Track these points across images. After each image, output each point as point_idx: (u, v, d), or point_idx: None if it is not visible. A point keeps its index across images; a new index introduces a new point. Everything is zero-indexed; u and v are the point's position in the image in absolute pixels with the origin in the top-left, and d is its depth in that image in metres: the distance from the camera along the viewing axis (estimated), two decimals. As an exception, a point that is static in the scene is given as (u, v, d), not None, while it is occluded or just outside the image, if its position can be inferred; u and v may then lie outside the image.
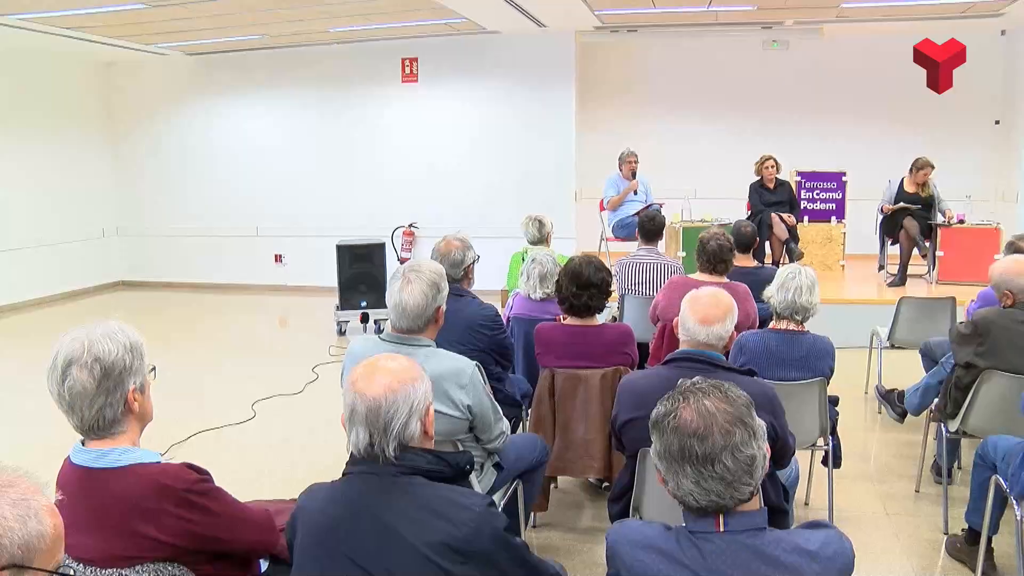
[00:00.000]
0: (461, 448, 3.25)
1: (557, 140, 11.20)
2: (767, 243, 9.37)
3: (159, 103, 12.50)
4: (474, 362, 3.32)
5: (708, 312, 3.05)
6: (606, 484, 4.52)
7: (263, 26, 10.10)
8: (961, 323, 4.42)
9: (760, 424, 1.87)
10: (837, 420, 4.42)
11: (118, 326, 2.22)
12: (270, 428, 6.22)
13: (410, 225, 11.58)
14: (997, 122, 11.59)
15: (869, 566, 4.10)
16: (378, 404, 2.02)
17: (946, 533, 4.41)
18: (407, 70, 11.54)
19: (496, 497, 3.53)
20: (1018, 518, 3.52)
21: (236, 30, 10.23)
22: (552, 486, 4.71)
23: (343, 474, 2.11)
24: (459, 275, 4.33)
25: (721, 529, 1.81)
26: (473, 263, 4.48)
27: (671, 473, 1.85)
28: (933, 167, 9.34)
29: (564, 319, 4.29)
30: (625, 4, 9.58)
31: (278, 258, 12.30)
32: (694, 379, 1.94)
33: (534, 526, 4.45)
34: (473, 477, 3.30)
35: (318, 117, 11.95)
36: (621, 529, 1.96)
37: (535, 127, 11.29)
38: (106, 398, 2.16)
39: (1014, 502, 3.55)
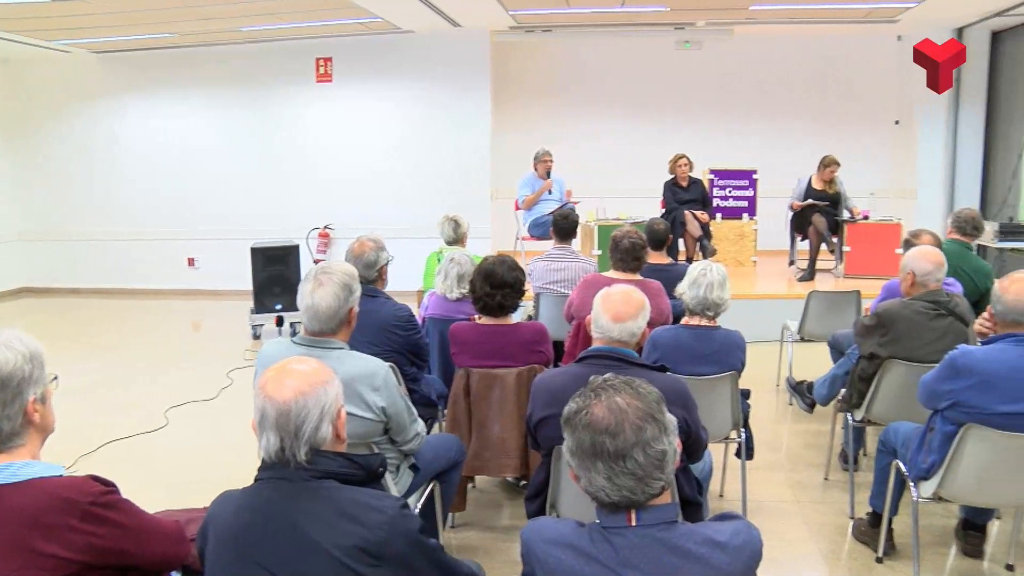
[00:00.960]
0: (376, 450, 3.24)
1: (473, 140, 11.22)
2: (681, 240, 9.54)
3: (64, 102, 12.07)
4: (388, 363, 3.31)
5: (620, 309, 3.08)
6: (524, 482, 4.54)
7: (171, 24, 9.87)
8: (865, 315, 4.57)
9: (671, 419, 1.91)
10: (749, 412, 4.52)
11: (16, 335, 2.15)
12: (183, 435, 6.09)
13: (325, 227, 11.46)
14: (897, 122, 12.04)
15: (780, 553, 4.22)
16: (288, 408, 2.01)
17: (852, 517, 4.57)
18: (321, 70, 11.42)
19: (413, 498, 3.53)
20: (915, 499, 3.67)
21: (143, 28, 9.98)
22: (470, 486, 4.73)
23: (255, 480, 2.08)
24: (372, 276, 4.32)
25: (633, 524, 1.84)
26: (387, 264, 4.46)
27: (583, 469, 1.87)
28: (839, 165, 9.64)
29: (478, 319, 4.31)
30: (539, 4, 9.64)
31: (191, 261, 12.04)
32: (605, 376, 1.96)
33: (452, 526, 4.46)
34: (389, 479, 3.30)
35: (231, 117, 11.73)
36: (535, 527, 1.98)
37: (451, 127, 11.28)
38: (3, 410, 2.09)
39: (911, 484, 3.70)
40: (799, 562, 4.19)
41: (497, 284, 4.16)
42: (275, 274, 9.06)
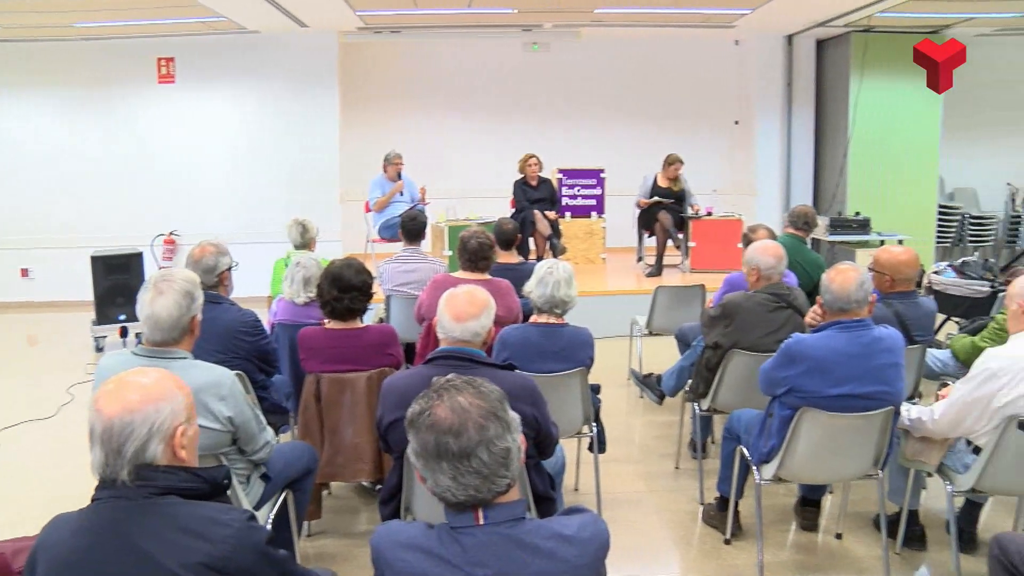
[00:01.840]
0: (224, 462, 3.15)
1: (321, 142, 11.02)
2: (531, 239, 9.65)
3: None
4: (234, 372, 3.23)
5: (463, 309, 3.10)
6: (379, 486, 4.49)
7: (-5, 15, 9.27)
8: (710, 307, 4.74)
9: (514, 417, 1.92)
10: (600, 407, 4.62)
11: None
12: (18, 457, 5.75)
13: (171, 233, 11.04)
14: (736, 123, 12.56)
15: (634, 541, 4.34)
16: (111, 425, 1.91)
17: (702, 503, 4.74)
18: (163, 70, 10.98)
19: (265, 509, 3.45)
20: (758, 481, 3.84)
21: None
22: (325, 493, 4.67)
23: (91, 500, 1.98)
24: (212, 281, 4.17)
25: (481, 522, 1.85)
26: (229, 269, 4.33)
27: (429, 471, 1.87)
28: (683, 163, 9.97)
29: (327, 323, 4.25)
30: (387, 5, 9.58)
31: (24, 272, 11.36)
32: (448, 376, 1.96)
33: (309, 535, 4.38)
34: (240, 490, 3.22)
35: (67, 119, 11.07)
36: (383, 532, 1.96)
37: (299, 129, 11.05)
38: None
39: (754, 468, 3.86)
40: (653, 549, 4.33)
41: (344, 288, 4.12)
42: (118, 283, 8.67)
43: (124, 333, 8.72)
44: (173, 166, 11.06)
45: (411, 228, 6.15)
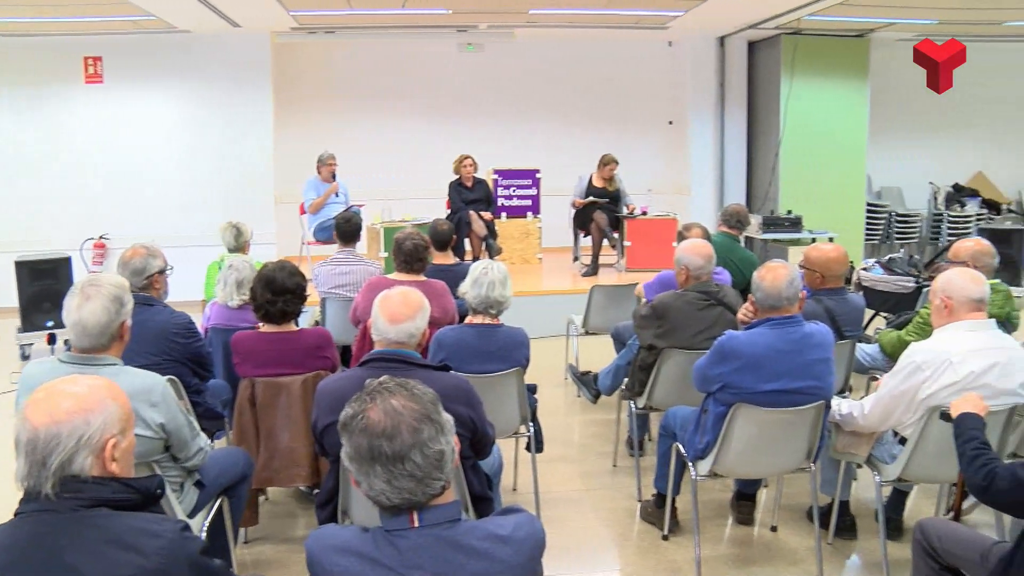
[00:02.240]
0: (158, 469, 3.09)
1: (255, 143, 10.86)
2: (467, 240, 9.63)
3: None
4: (166, 377, 3.17)
5: (397, 311, 3.09)
6: (316, 490, 4.45)
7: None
8: (642, 307, 4.78)
9: (447, 419, 1.92)
10: (537, 407, 4.63)
11: None
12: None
13: (101, 236, 10.78)
14: (671, 123, 12.70)
15: (573, 540, 4.36)
16: (36, 435, 1.85)
17: (639, 500, 4.78)
18: (90, 69, 10.71)
19: (200, 516, 3.39)
20: (694, 477, 3.89)
21: None
22: (262, 498, 4.60)
23: (15, 515, 1.90)
24: (141, 284, 4.07)
25: (416, 524, 1.84)
26: (160, 272, 4.23)
27: (363, 474, 1.85)
28: (618, 163, 10.04)
29: (261, 327, 4.20)
30: (320, 5, 9.50)
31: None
32: (381, 379, 1.95)
33: (246, 542, 4.31)
34: (173, 499, 3.16)
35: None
36: (318, 536, 1.95)
37: (233, 130, 10.87)
38: None
39: (690, 464, 3.91)
40: (591, 547, 4.35)
41: (278, 290, 4.07)
42: (44, 289, 8.44)
43: (52, 340, 8.50)
44: (103, 168, 10.79)
45: (346, 230, 6.11)
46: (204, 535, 3.31)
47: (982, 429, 2.90)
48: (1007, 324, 4.79)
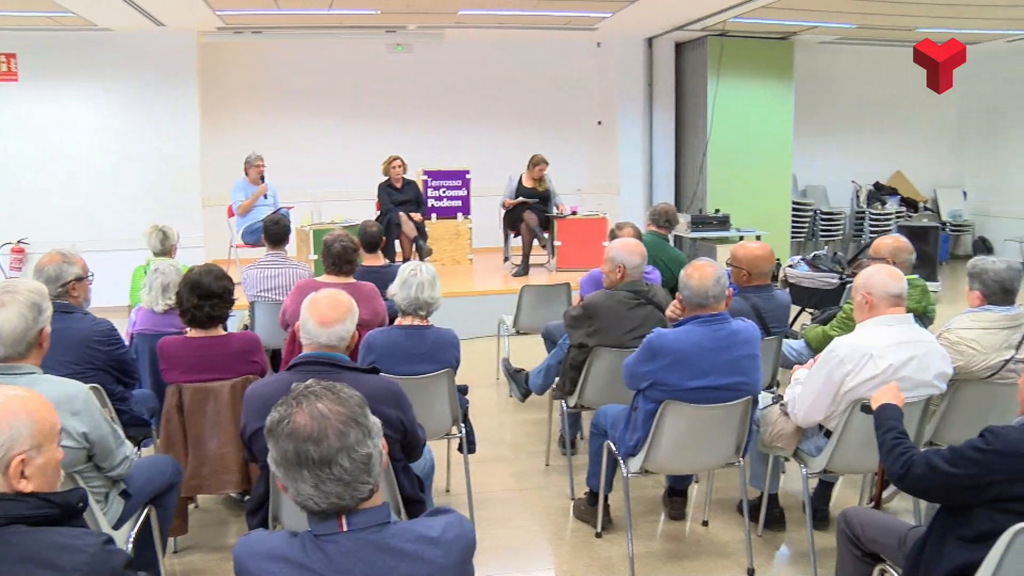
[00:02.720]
0: (80, 480, 3.01)
1: (181, 145, 10.60)
2: (397, 241, 9.58)
3: None
4: (87, 385, 3.09)
5: (326, 313, 3.05)
6: (248, 497, 4.40)
7: None
8: (572, 307, 4.81)
9: (375, 422, 1.90)
10: (468, 407, 4.63)
11: None
12: None
13: (19, 241, 10.47)
14: (599, 123, 12.80)
15: (507, 539, 4.37)
16: None
17: (572, 498, 4.80)
18: (4, 67, 10.38)
19: (126, 527, 3.31)
20: (625, 475, 3.92)
21: None
22: (191, 506, 4.51)
23: None
24: (57, 291, 3.95)
25: (344, 529, 1.82)
26: (80, 279, 4.12)
27: (290, 479, 1.83)
28: (547, 164, 10.09)
29: (188, 332, 4.12)
30: (247, 5, 9.34)
31: None
32: (307, 383, 1.93)
33: (175, 551, 4.23)
34: (97, 510, 3.08)
35: None
36: (245, 543, 1.91)
37: (158, 132, 10.58)
38: None
39: (621, 462, 3.95)
40: (526, 546, 4.36)
41: (204, 294, 4.00)
42: (-42, 296, 8.17)
43: (-32, 349, 8.21)
44: (21, 170, 10.41)
45: (274, 232, 6.03)
46: (130, 547, 3.24)
47: (900, 419, 2.99)
48: (924, 318, 4.93)
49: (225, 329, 4.26)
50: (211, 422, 3.97)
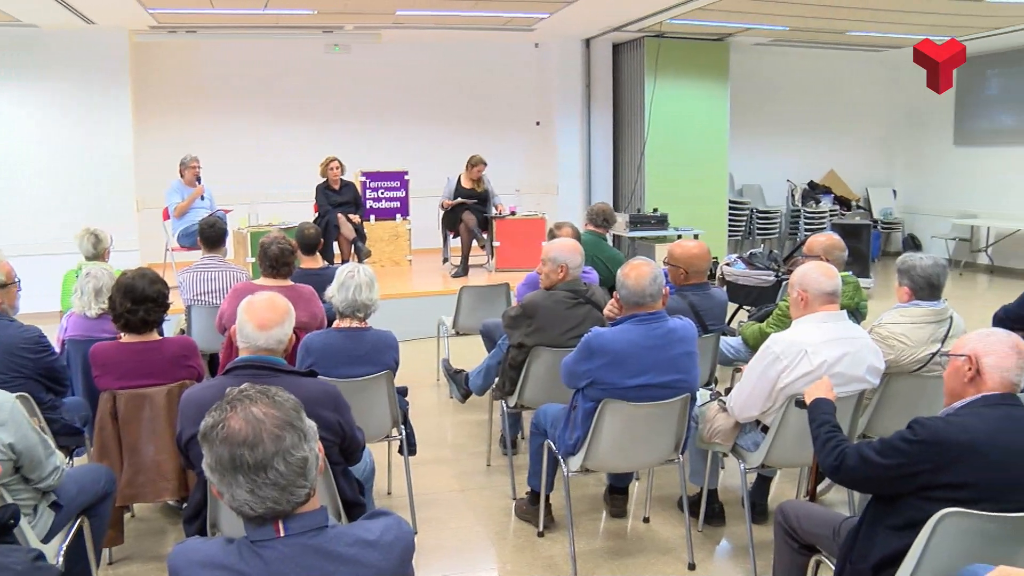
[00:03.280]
0: (7, 494, 2.92)
1: (113, 146, 10.31)
2: (335, 243, 9.51)
3: None
4: (14, 394, 3.01)
5: (264, 316, 3.03)
6: (186, 504, 4.33)
7: None
8: (511, 307, 4.81)
9: (311, 425, 1.88)
10: (408, 409, 4.61)
11: None
12: None
13: (-58, 246, 10.15)
14: (538, 123, 12.84)
15: (449, 541, 4.35)
16: None
17: (514, 498, 4.80)
18: (-82, 62, 10.01)
19: (57, 540, 3.23)
20: (566, 474, 3.95)
21: None
22: (127, 515, 4.43)
23: None
24: None
25: (281, 534, 1.80)
26: (4, 285, 4.01)
27: (225, 485, 1.80)
28: (486, 164, 10.09)
29: (122, 337, 4.04)
30: (180, 3, 9.17)
31: None
32: (241, 387, 1.90)
33: (111, 563, 4.14)
34: (25, 524, 2.99)
35: None
36: (180, 551, 1.88)
37: (89, 132, 10.27)
38: None
39: (562, 461, 3.96)
40: (468, 547, 4.35)
41: (138, 299, 3.92)
42: None
43: None
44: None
45: (210, 235, 5.93)
46: (61, 560, 3.17)
47: (833, 413, 3.05)
48: (856, 314, 5.04)
49: (161, 334, 4.19)
50: (147, 429, 3.90)
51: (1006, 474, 2.50)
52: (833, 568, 2.89)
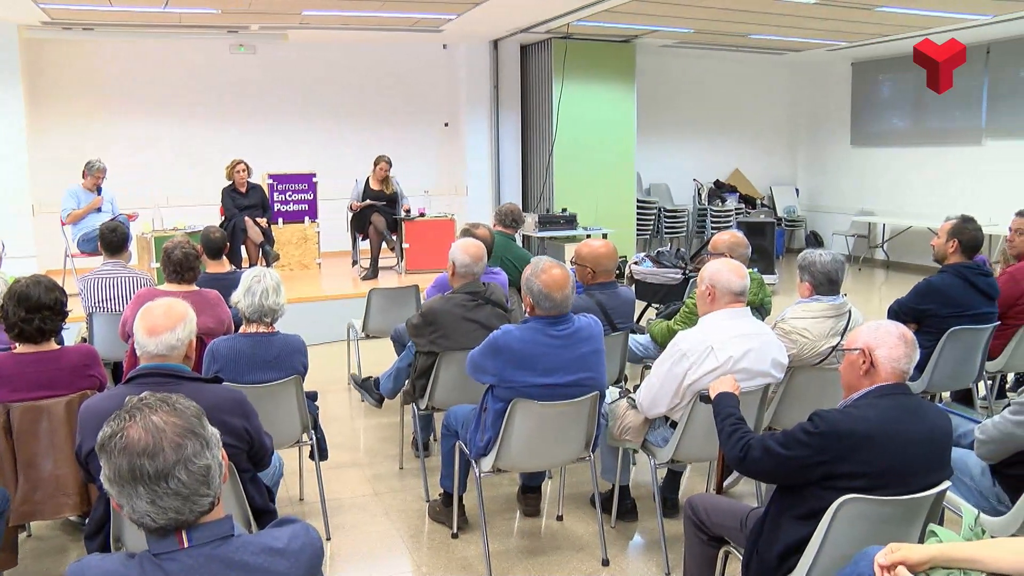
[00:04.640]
0: None
1: (6, 147, 9.88)
2: (243, 247, 9.34)
3: None
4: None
5: (156, 322, 2.96)
6: (88, 520, 4.19)
7: None
8: (413, 315, 4.78)
9: (213, 432, 1.84)
10: (319, 413, 4.55)
11: None
12: None
13: None
14: (447, 124, 12.83)
15: (363, 545, 4.32)
16: None
17: (427, 500, 4.80)
18: None
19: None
20: (478, 474, 3.95)
21: None
22: (23, 535, 4.27)
23: None
24: None
25: (185, 545, 1.76)
26: None
27: (124, 496, 1.74)
28: (390, 163, 10.02)
29: (16, 347, 3.88)
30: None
31: None
32: (141, 395, 1.85)
33: (4, 586, 4.00)
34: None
35: None
36: (79, 568, 1.80)
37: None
38: None
39: (473, 462, 3.97)
40: (383, 550, 4.31)
41: (33, 307, 3.76)
42: None
43: None
44: None
45: (111, 240, 5.74)
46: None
47: (737, 407, 3.13)
48: (761, 310, 5.17)
49: (60, 343, 4.04)
50: (45, 442, 3.74)
51: (900, 460, 2.61)
52: (741, 558, 2.95)
